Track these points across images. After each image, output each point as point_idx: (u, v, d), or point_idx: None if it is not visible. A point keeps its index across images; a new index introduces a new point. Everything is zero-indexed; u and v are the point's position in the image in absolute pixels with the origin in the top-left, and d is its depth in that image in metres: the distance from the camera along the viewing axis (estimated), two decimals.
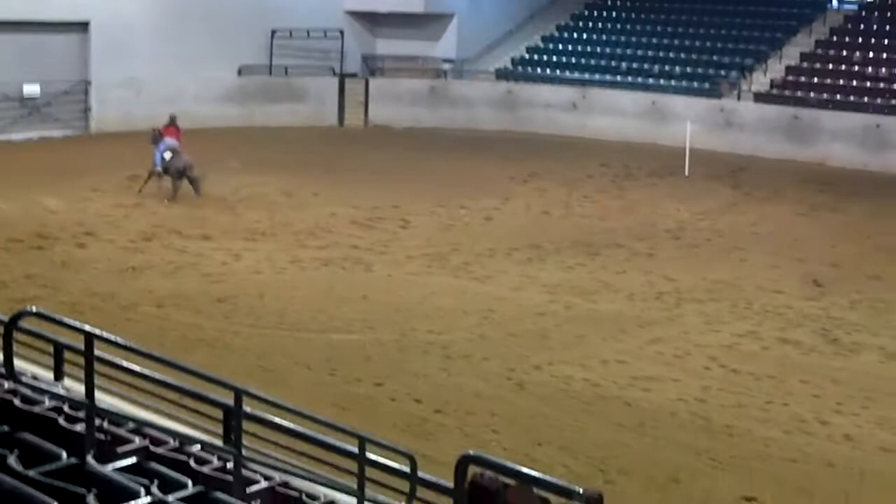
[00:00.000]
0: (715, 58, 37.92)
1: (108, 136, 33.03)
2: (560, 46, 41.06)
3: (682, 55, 38.59)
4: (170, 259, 20.60)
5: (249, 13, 36.88)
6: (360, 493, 8.33)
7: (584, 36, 41.16)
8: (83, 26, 34.08)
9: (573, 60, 39.86)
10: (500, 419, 13.81)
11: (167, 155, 25.19)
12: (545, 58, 40.63)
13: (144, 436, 7.78)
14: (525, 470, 5.93)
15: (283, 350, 16.02)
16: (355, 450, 8.33)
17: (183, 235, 22.27)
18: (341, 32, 38.96)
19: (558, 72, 39.44)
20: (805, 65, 36.42)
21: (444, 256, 21.54)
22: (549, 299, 18.90)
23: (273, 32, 37.42)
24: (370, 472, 8.43)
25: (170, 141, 25.52)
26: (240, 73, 37.42)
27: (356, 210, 25.09)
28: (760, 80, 36.36)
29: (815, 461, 13.03)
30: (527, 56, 41.04)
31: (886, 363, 16.37)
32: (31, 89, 33.17)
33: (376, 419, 13.27)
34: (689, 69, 37.66)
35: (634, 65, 38.65)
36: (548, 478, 5.89)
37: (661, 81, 37.46)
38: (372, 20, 40.20)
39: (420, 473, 8.23)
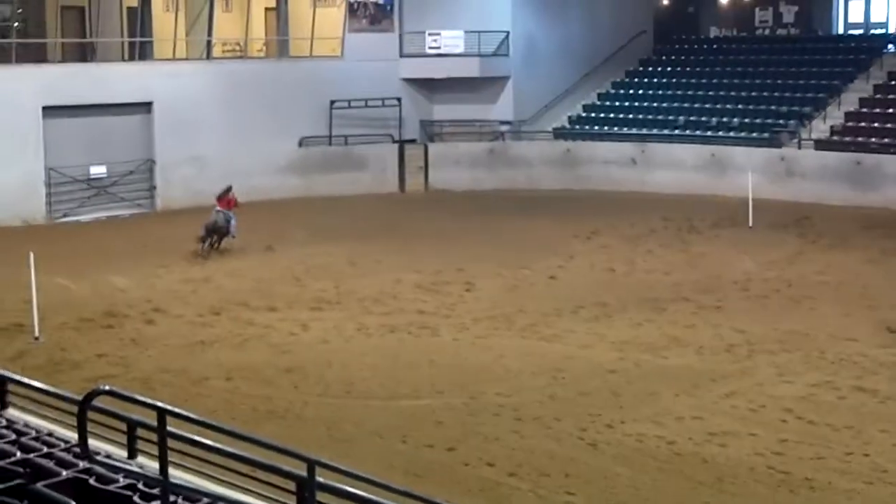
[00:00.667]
0: (773, 107, 37.70)
1: (173, 212, 33.40)
2: (616, 103, 41.09)
3: (740, 106, 38.43)
4: (238, 331, 20.66)
5: (308, 85, 37.35)
6: None
7: (640, 91, 41.16)
8: (146, 107, 34.62)
9: (630, 116, 39.85)
10: (574, 480, 13.60)
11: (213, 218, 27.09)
12: (602, 115, 40.65)
13: None
14: None
15: (353, 419, 15.93)
16: None
17: (250, 307, 22.34)
18: (399, 100, 39.26)
19: (616, 128, 39.42)
20: (864, 110, 36.10)
21: (509, 318, 21.41)
22: (619, 356, 18.69)
23: (332, 103, 37.78)
24: None
25: (218, 209, 27.25)
26: (300, 144, 37.76)
27: (420, 275, 25.07)
28: (820, 128, 36.08)
29: None
30: (583, 114, 41.07)
31: None
32: (98, 170, 33.67)
33: (450, 485, 13.12)
34: (747, 119, 37.47)
35: (692, 117, 38.54)
36: None
37: (720, 133, 37.29)
38: (429, 86, 40.46)
39: None
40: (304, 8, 38.78)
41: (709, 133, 37.43)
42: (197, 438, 7.84)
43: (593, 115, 40.90)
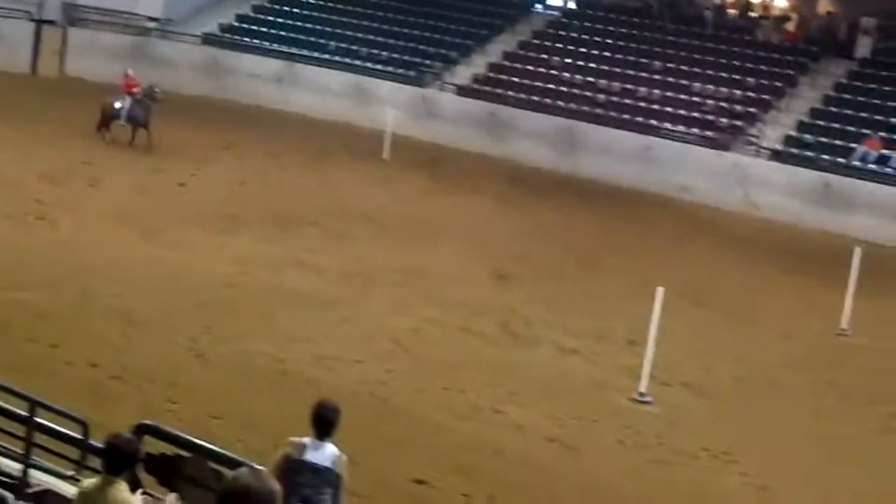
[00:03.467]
0: (422, 47, 38.47)
1: None
2: (269, 18, 40.67)
3: (390, 41, 38.95)
4: None
5: None
6: (26, 459, 8.00)
7: (295, 10, 40.92)
8: None
9: (282, 33, 39.54)
10: (179, 389, 13.56)
11: None
12: (254, 27, 40.13)
13: None
14: (200, 442, 5.85)
15: None
16: (25, 413, 7.99)
17: None
18: None
19: (266, 43, 39.05)
20: (506, 63, 37.51)
21: (133, 220, 20.96)
22: (240, 271, 18.72)
23: None
24: (41, 437, 8.10)
25: None
26: None
27: (46, 165, 24.03)
28: (464, 74, 37.21)
29: (486, 448, 13.44)
30: (235, 23, 40.45)
31: (559, 358, 17.08)
32: None
33: (50, 382, 12.75)
34: (395, 55, 38.06)
35: (343, 44, 38.74)
36: (222, 451, 5.83)
37: (368, 64, 37.69)
38: None
39: (92, 441, 7.98)
40: None
41: (357, 62, 37.79)
42: None
43: (245, 26, 40.32)
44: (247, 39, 39.35)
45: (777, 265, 25.05)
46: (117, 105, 27.60)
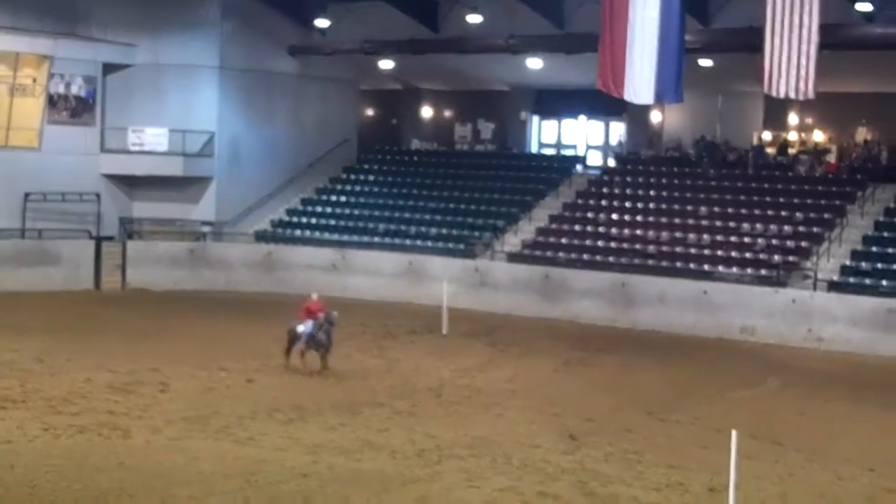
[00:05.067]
0: (469, 219, 39.07)
1: None
2: (319, 209, 41.62)
3: (437, 217, 39.62)
4: None
5: (1, 176, 36.08)
6: None
7: (343, 199, 41.88)
8: None
9: (332, 222, 40.41)
10: None
11: None
12: (304, 220, 41.06)
13: None
14: None
15: None
16: None
17: None
18: (97, 195, 38.44)
19: (317, 233, 39.86)
20: (554, 226, 37.95)
21: (204, 419, 21.10)
22: (312, 460, 18.72)
23: (27, 195, 36.60)
24: None
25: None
26: None
27: (113, 374, 24.43)
28: (512, 241, 37.63)
29: None
30: (286, 218, 41.37)
31: None
32: None
33: None
34: (444, 230, 38.63)
35: (392, 226, 39.44)
36: None
37: (418, 242, 38.28)
38: (129, 183, 39.82)
39: None
40: (1, 96, 37.56)
41: (407, 242, 38.41)
42: None
43: (296, 219, 41.26)
44: (299, 232, 40.16)
45: (850, 397, 24.73)
46: (300, 329, 26.04)
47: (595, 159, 44.55)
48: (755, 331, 31.41)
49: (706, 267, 33.78)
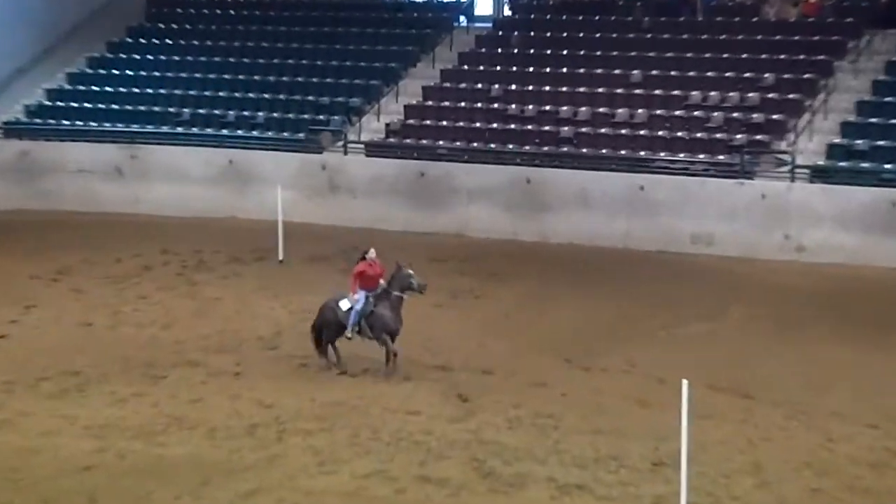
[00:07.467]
0: (311, 98, 38.76)
1: None
2: (93, 88, 40.91)
3: (266, 95, 39.23)
4: None
5: None
6: None
7: (128, 73, 41.20)
8: None
9: (114, 107, 39.74)
10: None
11: None
12: (73, 104, 40.30)
13: None
14: None
15: None
16: None
17: None
18: None
19: (94, 124, 39.17)
20: (429, 103, 37.74)
21: None
22: (98, 446, 18.62)
23: None
24: None
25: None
26: None
27: None
28: (372, 127, 37.46)
29: None
30: (47, 102, 40.63)
31: (560, 499, 17.04)
32: None
33: None
34: (276, 114, 38.28)
35: (201, 110, 38.95)
36: None
37: (240, 132, 37.89)
38: None
39: None
40: None
41: (224, 132, 37.98)
42: None
43: (61, 104, 40.50)
44: (66, 122, 39.44)
45: (842, 328, 25.21)
46: (344, 307, 22.75)
47: (484, 7, 44.53)
48: (712, 240, 31.82)
49: (642, 153, 34.01)
